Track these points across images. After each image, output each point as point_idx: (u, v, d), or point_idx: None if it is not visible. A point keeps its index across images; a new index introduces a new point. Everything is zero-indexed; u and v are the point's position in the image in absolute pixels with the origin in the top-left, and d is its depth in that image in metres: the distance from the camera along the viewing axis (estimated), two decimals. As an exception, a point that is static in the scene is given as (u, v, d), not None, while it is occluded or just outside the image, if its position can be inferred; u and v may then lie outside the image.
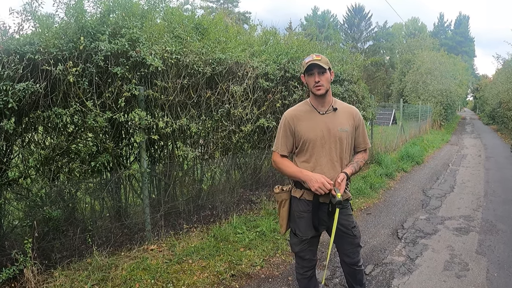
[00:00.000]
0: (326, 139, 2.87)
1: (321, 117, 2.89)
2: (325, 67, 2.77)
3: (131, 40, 4.37)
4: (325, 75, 2.81)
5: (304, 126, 2.89)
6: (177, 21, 5.20)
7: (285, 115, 3.00)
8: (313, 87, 2.81)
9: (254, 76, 5.57)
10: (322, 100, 2.89)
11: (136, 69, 4.40)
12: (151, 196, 5.05)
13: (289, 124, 2.93)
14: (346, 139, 2.94)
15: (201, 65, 4.85)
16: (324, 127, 2.87)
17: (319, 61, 2.76)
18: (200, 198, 5.50)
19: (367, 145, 3.14)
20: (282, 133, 2.98)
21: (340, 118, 2.94)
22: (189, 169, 5.34)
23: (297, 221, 3.05)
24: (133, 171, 4.62)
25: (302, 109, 2.96)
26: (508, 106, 20.69)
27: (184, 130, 4.91)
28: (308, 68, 2.80)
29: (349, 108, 3.06)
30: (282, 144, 2.98)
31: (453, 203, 7.50)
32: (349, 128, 2.95)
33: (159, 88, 4.56)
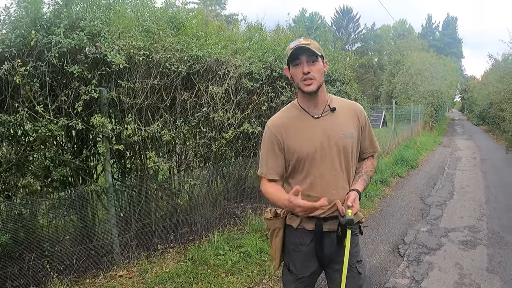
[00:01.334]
0: (327, 151, 2.15)
1: (316, 122, 2.17)
2: (316, 53, 2.05)
3: (91, 34, 3.75)
4: (316, 65, 2.07)
5: (296, 138, 2.16)
6: (149, 14, 4.57)
7: (268, 126, 2.25)
8: (301, 81, 2.07)
9: (237, 75, 4.93)
10: (314, 99, 2.16)
11: (97, 68, 3.76)
12: (119, 214, 4.40)
13: (276, 137, 2.19)
14: (352, 146, 2.22)
15: (175, 63, 4.22)
16: (323, 135, 2.15)
17: (308, 45, 2.03)
18: (177, 214, 4.85)
19: (375, 149, 2.43)
20: (267, 150, 2.25)
21: (341, 120, 2.21)
22: (163, 181, 4.69)
23: (292, 255, 2.34)
24: (95, 186, 3.97)
25: (289, 115, 2.23)
26: (500, 106, 20.33)
27: (156, 138, 4.26)
28: (293, 56, 2.06)
29: (350, 105, 2.32)
30: (269, 165, 2.24)
31: (454, 212, 6.99)
32: (355, 132, 2.23)
33: (124, 89, 3.92)
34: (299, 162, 2.17)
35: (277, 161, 2.22)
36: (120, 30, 4.08)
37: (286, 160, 2.21)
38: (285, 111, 2.29)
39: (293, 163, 2.19)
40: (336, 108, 2.21)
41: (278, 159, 2.22)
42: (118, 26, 4.10)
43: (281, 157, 2.21)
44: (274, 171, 2.23)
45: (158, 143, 4.38)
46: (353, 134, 2.21)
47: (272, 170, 2.23)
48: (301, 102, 2.22)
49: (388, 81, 35.23)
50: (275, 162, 2.22)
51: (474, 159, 13.82)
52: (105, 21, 3.96)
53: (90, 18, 3.78)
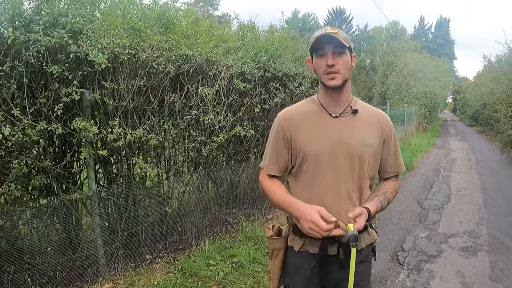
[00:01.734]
0: (338, 155, 1.88)
1: (334, 121, 1.92)
2: (344, 44, 1.80)
3: (73, 32, 3.50)
4: (343, 57, 1.83)
5: (305, 134, 1.93)
6: (136, 11, 4.33)
7: (278, 117, 2.05)
8: (324, 74, 1.84)
9: (228, 76, 4.69)
10: (336, 96, 1.92)
11: (78, 68, 3.52)
12: (104, 223, 4.15)
13: (283, 130, 1.98)
14: (370, 157, 1.94)
15: (162, 62, 3.98)
16: (336, 137, 1.89)
17: (335, 34, 1.79)
18: (166, 222, 4.61)
19: (400, 168, 2.11)
20: (272, 143, 2.04)
21: (361, 125, 1.95)
22: (151, 188, 4.44)
23: (293, 277, 2.07)
24: (77, 194, 3.72)
25: (305, 109, 2.01)
26: (493, 107, 20.27)
27: (143, 143, 4.02)
28: (317, 45, 1.84)
29: (375, 112, 2.05)
30: (271, 159, 2.03)
31: (453, 216, 6.81)
32: (375, 142, 1.95)
33: (108, 91, 3.68)
34: (304, 161, 1.92)
35: (280, 157, 2.01)
36: (105, 28, 3.84)
37: (293, 157, 1.99)
38: (301, 104, 2.08)
39: (298, 162, 1.96)
40: (359, 111, 1.96)
41: (282, 154, 2.01)
42: (102, 24, 3.87)
43: (286, 153, 1.99)
44: (275, 166, 2.03)
45: (145, 148, 4.14)
46: (372, 143, 1.93)
47: (273, 165, 2.03)
48: (322, 97, 1.99)
49: (381, 82, 35.08)
50: (277, 157, 2.02)
51: (469, 160, 13.69)
52: (89, 18, 3.71)
53: (72, 14, 3.54)
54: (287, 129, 1.96)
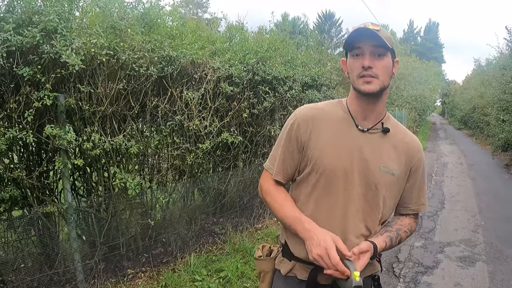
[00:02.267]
0: (355, 177, 1.60)
1: (359, 136, 1.63)
2: (386, 44, 1.51)
3: (47, 30, 3.23)
4: (383, 60, 1.54)
5: (324, 142, 1.63)
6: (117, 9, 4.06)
7: (297, 114, 1.73)
8: (358, 77, 1.55)
9: (215, 79, 4.42)
10: (369, 106, 1.62)
11: (52, 70, 3.25)
12: (82, 236, 3.87)
13: (300, 131, 1.67)
14: (387, 188, 1.63)
15: (144, 64, 3.71)
16: (358, 156, 1.61)
17: (377, 31, 1.50)
18: (149, 234, 4.33)
19: (421, 206, 1.79)
20: (283, 144, 1.72)
21: (389, 149, 1.65)
22: (132, 199, 4.16)
23: None
24: (51, 207, 3.44)
25: (329, 112, 1.70)
26: (483, 111, 20.28)
27: (122, 151, 3.74)
28: (352, 41, 1.55)
29: (407, 136, 1.74)
30: (280, 162, 1.73)
31: (448, 224, 6.62)
32: (399, 172, 1.65)
33: (84, 95, 3.40)
34: (315, 173, 1.63)
35: (290, 161, 1.71)
36: (81, 26, 3.58)
37: (301, 163, 1.69)
38: (326, 104, 1.76)
39: (307, 171, 1.65)
40: (390, 131, 1.66)
41: (293, 159, 1.70)
42: (79, 22, 3.60)
43: (297, 158, 1.69)
44: (282, 172, 1.73)
45: (126, 156, 3.87)
46: (395, 172, 1.63)
47: (281, 170, 1.73)
48: (351, 104, 1.68)
49: (371, 85, 35.12)
50: (288, 162, 1.71)
51: (460, 164, 13.57)
52: (64, 16, 3.44)
53: (45, 11, 3.26)
54: (303, 131, 1.66)
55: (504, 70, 13.88)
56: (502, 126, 14.02)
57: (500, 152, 15.59)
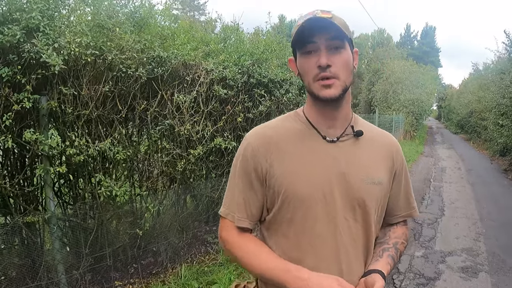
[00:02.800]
0: (337, 199, 1.29)
1: (329, 148, 1.33)
2: (344, 34, 1.23)
3: (28, 28, 3.03)
4: (342, 54, 1.24)
5: (289, 166, 1.30)
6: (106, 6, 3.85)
7: (248, 139, 1.38)
8: (315, 80, 1.25)
9: (208, 81, 4.22)
10: (332, 112, 1.33)
11: (33, 71, 3.04)
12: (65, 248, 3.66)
13: (256, 159, 1.32)
14: (377, 200, 1.36)
15: (132, 65, 3.50)
16: (334, 171, 1.31)
17: (330, 19, 1.21)
18: (137, 244, 4.12)
19: (412, 211, 1.53)
20: (239, 179, 1.35)
21: (366, 155, 1.38)
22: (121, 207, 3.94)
23: None
24: (32, 217, 3.22)
25: (286, 129, 1.37)
26: (481, 115, 20.20)
27: (109, 157, 3.53)
28: (302, 35, 1.24)
29: (383, 136, 1.48)
30: (239, 204, 1.35)
31: (449, 232, 6.42)
32: (385, 178, 1.39)
33: (68, 97, 3.19)
34: (287, 206, 1.29)
35: (252, 200, 1.34)
36: (67, 25, 3.37)
37: (268, 198, 1.33)
38: (280, 120, 1.42)
39: (277, 206, 1.31)
40: (364, 134, 1.38)
41: (255, 196, 1.34)
42: (64, 20, 3.40)
43: (261, 193, 1.33)
44: (246, 216, 1.35)
45: (113, 163, 3.66)
46: (382, 180, 1.36)
47: (243, 214, 1.34)
48: (310, 113, 1.37)
49: (367, 89, 35.03)
50: (249, 201, 1.34)
51: (459, 169, 13.41)
52: (48, 14, 3.24)
53: (27, 8, 3.06)
54: (261, 158, 1.31)
55: (502, 74, 13.77)
56: (501, 130, 13.90)
57: (498, 156, 15.47)
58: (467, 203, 8.52)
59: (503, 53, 15.35)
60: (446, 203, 8.52)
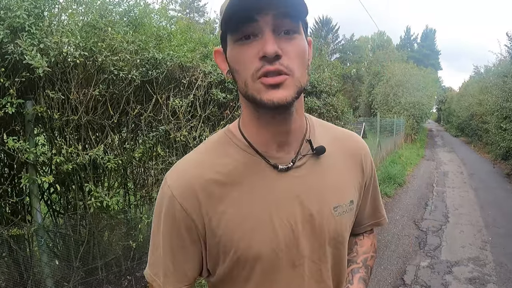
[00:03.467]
0: (303, 245, 1.00)
1: (282, 180, 0.98)
2: (300, 10, 0.84)
3: (13, 28, 2.83)
4: (297, 40, 0.86)
5: (234, 217, 0.95)
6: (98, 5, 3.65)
7: (169, 184, 0.96)
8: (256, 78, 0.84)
9: (206, 84, 4.02)
10: (281, 124, 0.95)
11: (18, 73, 2.84)
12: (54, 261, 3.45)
13: (184, 211, 0.94)
14: (349, 229, 1.11)
15: (124, 67, 3.30)
16: (296, 212, 0.98)
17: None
18: (131, 256, 3.91)
19: (380, 220, 1.29)
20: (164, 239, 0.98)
21: (332, 176, 1.05)
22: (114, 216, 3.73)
23: None
24: (17, 230, 3.01)
25: (220, 159, 0.98)
26: (482, 118, 20.02)
27: (99, 166, 3.32)
28: (237, 10, 0.81)
29: (347, 140, 1.15)
30: (167, 266, 0.99)
31: (454, 240, 6.22)
32: (356, 195, 1.11)
33: (55, 102, 2.99)
34: (242, 267, 0.98)
35: (185, 261, 1.00)
36: (56, 24, 3.17)
37: (211, 258, 1.00)
38: (207, 150, 1.02)
39: (227, 267, 0.99)
40: (326, 147, 1.04)
41: (187, 257, 0.99)
42: (53, 20, 3.20)
43: (197, 254, 1.00)
44: (180, 280, 1.00)
45: (104, 171, 3.45)
46: (352, 203, 1.08)
47: (177, 280, 1.00)
48: (249, 130, 0.99)
49: (368, 92, 34.89)
50: (181, 265, 0.99)
51: (461, 174, 13.21)
52: (35, 12, 3.03)
53: (12, 5, 2.86)
54: (194, 213, 0.95)
55: (505, 77, 13.59)
56: (503, 134, 13.72)
57: (500, 160, 15.28)
58: (471, 209, 8.32)
59: (506, 55, 15.20)
60: (450, 209, 8.33)
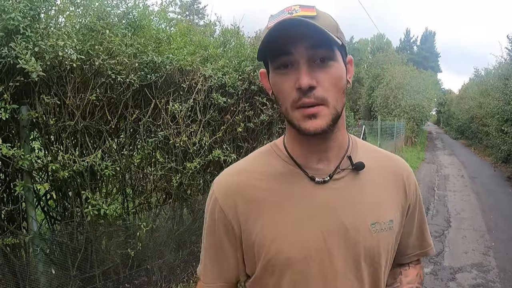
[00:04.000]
0: (337, 258, 0.97)
1: (319, 191, 0.99)
2: (333, 40, 0.85)
3: (7, 30, 2.75)
4: (332, 68, 0.89)
5: (268, 221, 0.98)
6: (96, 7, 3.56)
7: (214, 188, 1.05)
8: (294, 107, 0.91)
9: (206, 88, 3.94)
10: (320, 144, 1.00)
11: (12, 78, 2.75)
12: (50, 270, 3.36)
13: (224, 213, 1.00)
14: (389, 249, 1.04)
15: (122, 71, 3.21)
16: (328, 222, 0.97)
17: (312, 19, 0.86)
18: (129, 264, 3.82)
19: (427, 250, 1.24)
20: (208, 238, 1.07)
21: (372, 192, 1.04)
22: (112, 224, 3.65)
23: None
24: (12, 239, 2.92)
25: (263, 169, 1.04)
26: (482, 121, 19.96)
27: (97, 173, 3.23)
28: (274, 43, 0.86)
29: (390, 162, 1.14)
30: (208, 266, 1.08)
31: (457, 245, 6.15)
32: (397, 218, 1.06)
33: (50, 107, 2.90)
34: (271, 272, 0.98)
35: (223, 262, 1.06)
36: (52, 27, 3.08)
37: (246, 261, 1.04)
38: (253, 160, 1.09)
39: (259, 270, 1.01)
40: (366, 165, 1.04)
41: (226, 260, 1.05)
42: (49, 22, 3.11)
43: (233, 256, 1.04)
44: (217, 278, 1.07)
45: (102, 178, 3.36)
46: (392, 222, 1.04)
47: (212, 277, 1.07)
48: (292, 145, 1.04)
49: (368, 95, 34.81)
50: (219, 263, 1.06)
51: (462, 177, 13.14)
52: (31, 14, 2.95)
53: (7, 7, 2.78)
54: (231, 214, 1.00)
55: (506, 80, 13.52)
56: (504, 137, 13.66)
57: (500, 163, 15.21)
58: (473, 213, 8.25)
59: (506, 58, 15.14)
60: (452, 213, 8.25)
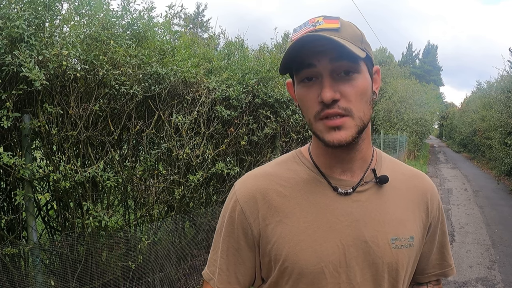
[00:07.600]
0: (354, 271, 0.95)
1: (342, 202, 0.98)
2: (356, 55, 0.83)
3: (11, 38, 2.74)
4: (357, 80, 0.89)
5: (290, 226, 0.96)
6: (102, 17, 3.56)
7: (236, 189, 1.05)
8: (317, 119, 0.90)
9: (210, 101, 3.92)
10: (344, 155, 0.99)
11: (15, 86, 2.74)
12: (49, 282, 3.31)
13: (244, 216, 0.99)
14: (408, 265, 1.02)
15: (126, 82, 3.20)
16: (349, 234, 0.96)
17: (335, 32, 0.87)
18: (130, 277, 3.77)
19: (448, 270, 1.18)
20: (224, 240, 1.03)
21: (394, 207, 1.01)
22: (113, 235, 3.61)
23: None
24: (11, 249, 2.89)
25: (287, 175, 1.03)
26: (485, 134, 19.92)
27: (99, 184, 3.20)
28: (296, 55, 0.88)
29: (415, 178, 1.11)
30: (223, 270, 1.02)
31: (461, 259, 6.08)
32: (418, 235, 1.03)
33: (53, 116, 2.88)
34: (286, 280, 0.97)
35: (240, 267, 1.03)
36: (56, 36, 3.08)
37: (263, 267, 1.02)
38: (278, 165, 1.07)
39: (274, 277, 0.99)
40: (391, 180, 1.02)
41: (243, 263, 1.03)
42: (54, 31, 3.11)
43: (250, 260, 1.02)
44: (229, 284, 1.03)
45: (103, 190, 3.33)
46: (413, 239, 1.01)
47: (225, 282, 1.03)
48: (317, 154, 1.03)
49: (370, 108, 34.83)
50: (235, 268, 1.03)
51: (465, 191, 13.08)
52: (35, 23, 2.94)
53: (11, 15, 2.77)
54: (252, 218, 0.99)
55: (509, 93, 13.50)
56: (507, 150, 13.61)
57: (504, 176, 15.13)
58: (478, 227, 8.18)
59: (508, 71, 15.13)
60: (456, 227, 8.19)
